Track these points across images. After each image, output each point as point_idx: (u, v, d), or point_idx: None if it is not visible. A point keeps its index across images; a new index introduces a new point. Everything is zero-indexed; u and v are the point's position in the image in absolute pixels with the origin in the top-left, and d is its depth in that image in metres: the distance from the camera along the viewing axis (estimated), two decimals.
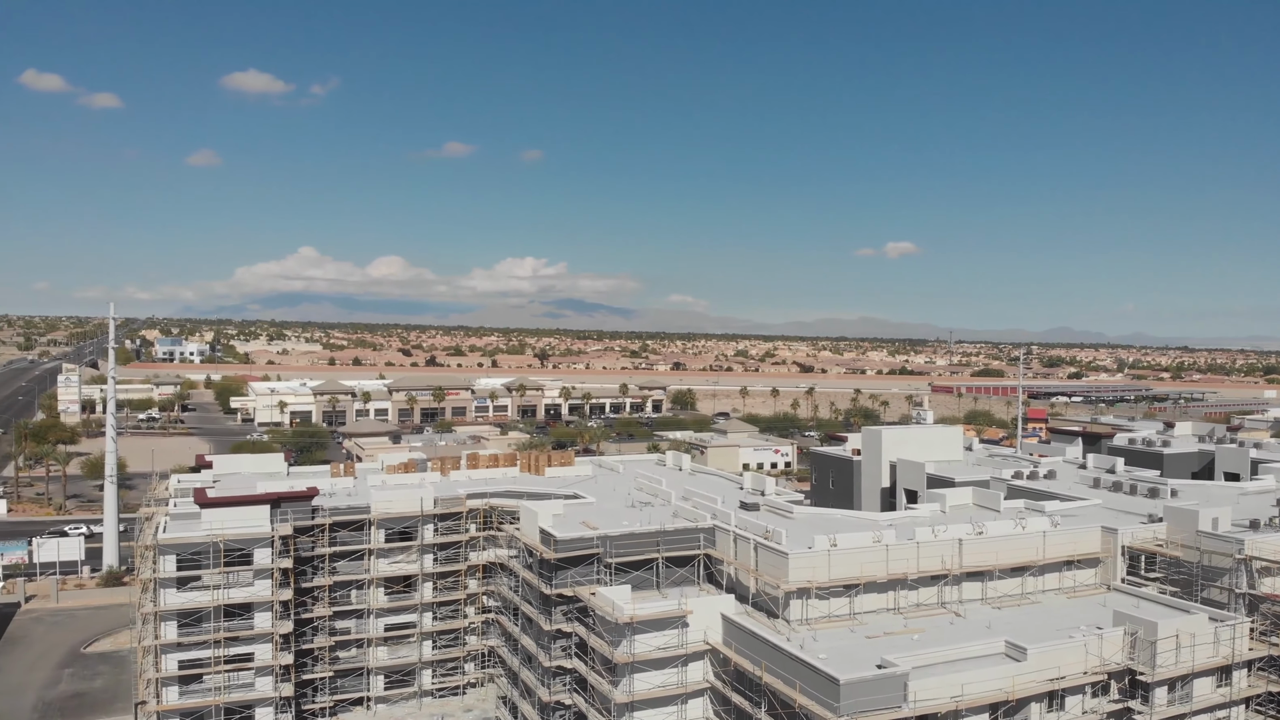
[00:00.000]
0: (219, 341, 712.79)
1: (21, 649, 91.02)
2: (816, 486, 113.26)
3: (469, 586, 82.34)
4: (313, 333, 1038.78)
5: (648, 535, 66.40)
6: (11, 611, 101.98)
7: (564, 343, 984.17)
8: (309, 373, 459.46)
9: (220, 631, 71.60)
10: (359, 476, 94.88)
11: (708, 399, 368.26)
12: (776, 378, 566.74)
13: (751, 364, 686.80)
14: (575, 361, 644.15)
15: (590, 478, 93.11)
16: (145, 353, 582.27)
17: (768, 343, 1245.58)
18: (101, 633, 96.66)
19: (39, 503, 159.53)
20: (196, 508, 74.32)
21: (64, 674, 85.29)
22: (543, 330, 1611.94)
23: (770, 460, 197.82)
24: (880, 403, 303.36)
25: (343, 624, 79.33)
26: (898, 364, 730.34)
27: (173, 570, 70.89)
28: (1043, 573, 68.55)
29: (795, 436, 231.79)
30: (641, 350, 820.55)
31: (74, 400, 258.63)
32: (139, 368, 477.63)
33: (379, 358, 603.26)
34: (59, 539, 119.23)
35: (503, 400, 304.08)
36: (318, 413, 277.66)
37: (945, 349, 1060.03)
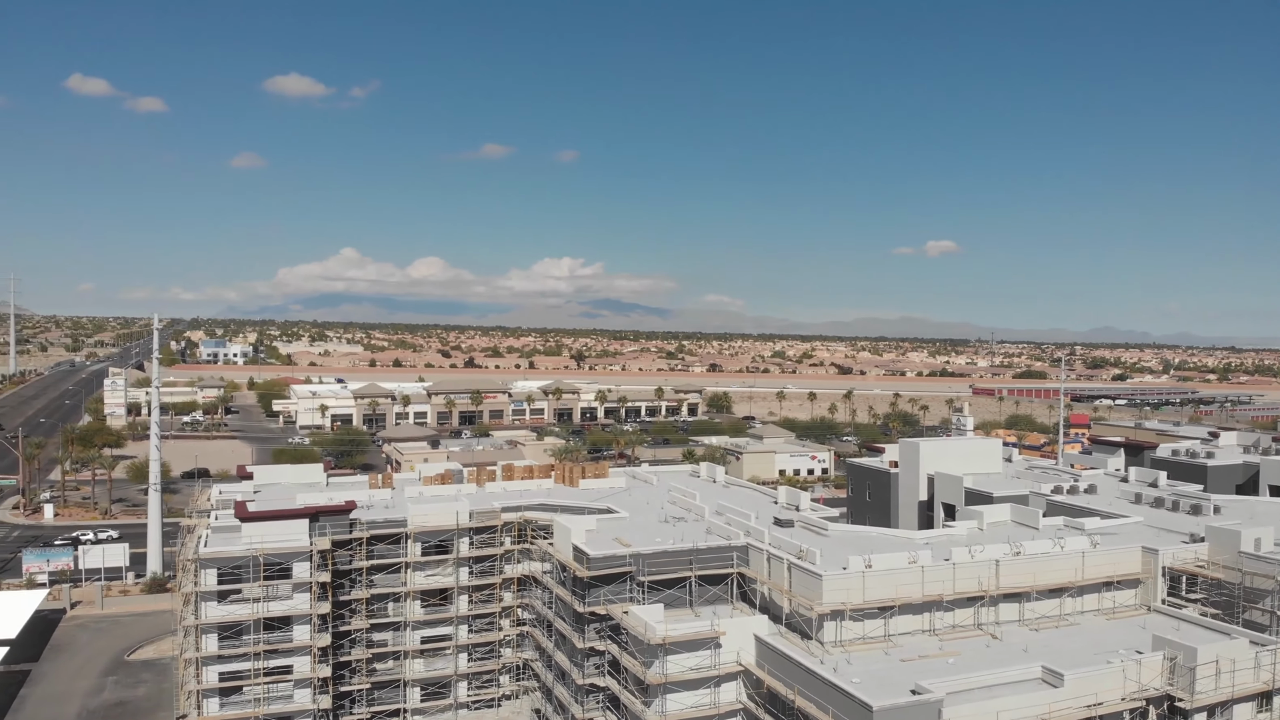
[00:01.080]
0: (262, 343, 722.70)
1: (66, 656, 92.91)
2: (853, 498, 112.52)
3: (504, 599, 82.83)
4: (354, 334, 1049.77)
5: (680, 554, 66.41)
6: (57, 618, 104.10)
7: (600, 343, 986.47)
8: (350, 374, 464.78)
9: (260, 644, 72.72)
10: (396, 487, 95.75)
11: (744, 401, 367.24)
12: (814, 379, 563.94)
13: (789, 365, 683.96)
14: (611, 363, 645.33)
15: (624, 490, 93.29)
16: (190, 354, 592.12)
17: (805, 343, 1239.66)
18: (145, 640, 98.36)
19: (85, 507, 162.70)
20: (237, 521, 75.53)
21: (108, 682, 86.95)
22: (579, 330, 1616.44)
23: (807, 466, 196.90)
24: (919, 407, 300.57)
25: (379, 636, 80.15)
26: (938, 365, 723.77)
27: (213, 584, 72.11)
28: (1081, 594, 67.64)
29: (832, 442, 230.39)
30: (678, 351, 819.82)
31: (120, 404, 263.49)
32: (184, 369, 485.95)
33: (418, 359, 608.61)
34: (104, 545, 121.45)
35: (539, 403, 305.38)
36: (358, 416, 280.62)
37: (986, 350, 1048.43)
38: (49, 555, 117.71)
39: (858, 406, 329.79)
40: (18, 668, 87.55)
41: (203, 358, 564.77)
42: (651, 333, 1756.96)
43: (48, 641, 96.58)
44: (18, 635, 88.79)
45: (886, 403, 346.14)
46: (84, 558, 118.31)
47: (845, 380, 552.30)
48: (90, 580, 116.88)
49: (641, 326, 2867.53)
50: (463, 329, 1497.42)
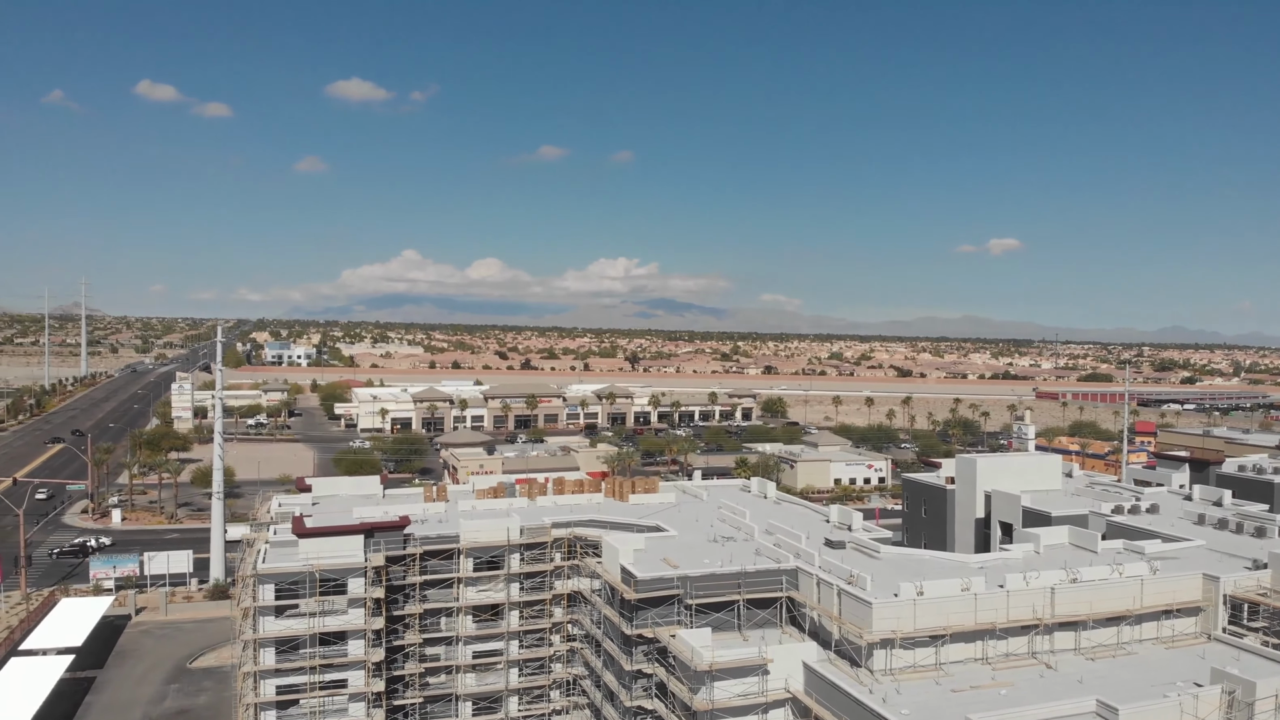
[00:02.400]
0: (325, 344, 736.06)
1: (131, 663, 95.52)
2: (909, 514, 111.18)
3: (554, 615, 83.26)
4: (415, 334, 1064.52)
5: (729, 577, 66.15)
6: (123, 624, 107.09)
7: (655, 344, 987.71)
8: (410, 376, 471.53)
9: (316, 658, 74.06)
10: (450, 500, 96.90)
11: (799, 405, 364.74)
12: (872, 382, 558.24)
13: (846, 367, 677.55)
14: (665, 365, 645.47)
15: (673, 505, 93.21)
16: (255, 356, 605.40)
17: (864, 344, 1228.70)
18: (207, 647, 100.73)
19: (151, 511, 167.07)
20: (294, 536, 76.96)
21: (170, 689, 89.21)
22: (634, 331, 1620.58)
23: (863, 476, 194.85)
24: (980, 413, 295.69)
25: (432, 650, 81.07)
26: (1000, 367, 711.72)
27: (271, 599, 73.54)
28: (1139, 622, 66.02)
29: (890, 450, 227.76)
30: (733, 353, 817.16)
31: (186, 407, 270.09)
32: (249, 371, 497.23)
33: (476, 360, 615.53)
34: (168, 552, 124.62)
35: (593, 407, 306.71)
36: (417, 419, 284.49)
37: (1050, 351, 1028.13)
38: (115, 561, 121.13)
39: (916, 412, 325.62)
40: (83, 674, 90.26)
41: (268, 359, 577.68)
42: (706, 333, 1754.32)
43: (113, 648, 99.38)
44: (83, 643, 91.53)
45: (946, 408, 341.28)
46: (149, 564, 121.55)
47: (904, 383, 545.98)
48: (155, 586, 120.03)
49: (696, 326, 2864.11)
50: (519, 329, 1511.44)
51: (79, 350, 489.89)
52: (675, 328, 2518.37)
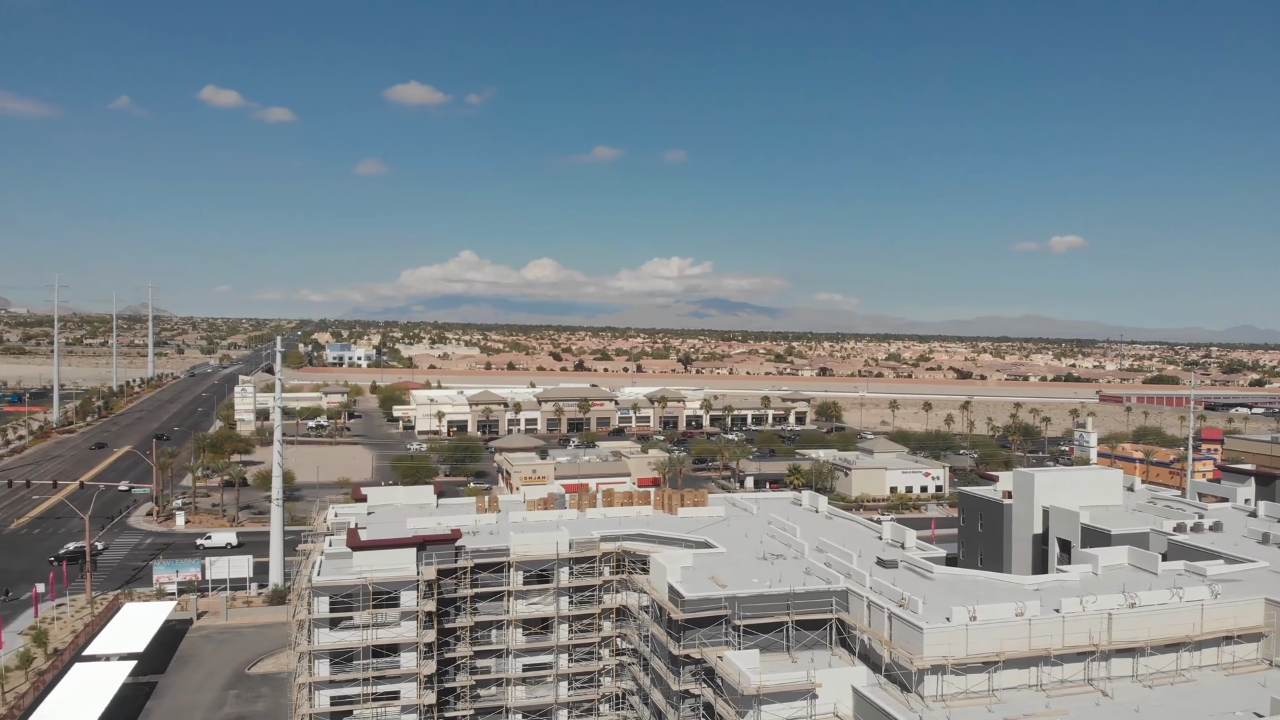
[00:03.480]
0: (385, 345, 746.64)
1: (191, 668, 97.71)
2: (965, 528, 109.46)
3: (603, 629, 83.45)
4: (471, 335, 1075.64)
5: (778, 598, 65.66)
6: (184, 628, 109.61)
7: (708, 345, 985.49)
8: (467, 377, 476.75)
9: (369, 670, 75.17)
10: (502, 510, 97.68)
11: (854, 409, 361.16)
12: (930, 384, 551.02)
13: (904, 369, 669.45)
14: (718, 366, 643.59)
15: (722, 519, 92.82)
16: (317, 357, 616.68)
17: (923, 344, 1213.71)
18: (265, 652, 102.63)
19: (214, 514, 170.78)
20: (349, 549, 78.17)
21: (229, 695, 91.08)
22: (687, 331, 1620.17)
23: (920, 484, 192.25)
24: (1041, 418, 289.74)
25: (483, 663, 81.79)
26: (1063, 369, 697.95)
27: (326, 611, 74.78)
28: (1200, 648, 64.19)
29: (948, 456, 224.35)
30: (787, 354, 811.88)
31: (249, 410, 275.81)
32: (310, 372, 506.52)
33: (531, 362, 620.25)
34: (230, 556, 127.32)
35: (645, 411, 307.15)
36: (472, 422, 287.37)
37: (1115, 351, 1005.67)
38: (178, 566, 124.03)
39: (976, 417, 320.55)
40: (145, 679, 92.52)
41: (329, 360, 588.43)
42: (760, 333, 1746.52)
43: (174, 652, 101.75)
44: (146, 648, 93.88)
45: (1006, 412, 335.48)
46: (210, 568, 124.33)
47: (964, 386, 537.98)
48: (216, 590, 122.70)
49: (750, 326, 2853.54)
50: (573, 330, 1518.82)
51: (146, 351, 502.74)
52: (729, 327, 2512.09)
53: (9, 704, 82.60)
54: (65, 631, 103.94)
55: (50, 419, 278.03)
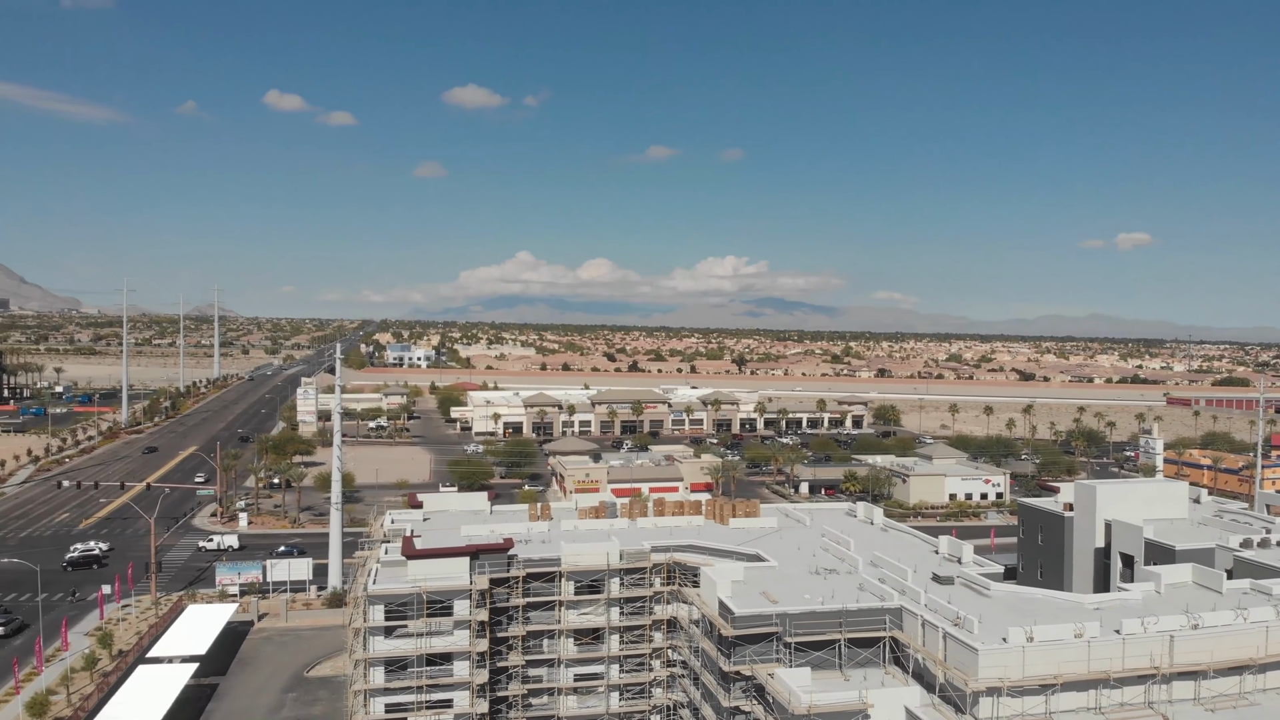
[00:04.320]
0: (444, 345, 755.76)
1: (251, 670, 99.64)
2: (1025, 540, 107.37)
3: (654, 640, 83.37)
4: (527, 335, 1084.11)
5: (830, 615, 64.97)
6: (246, 630, 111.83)
7: (763, 345, 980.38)
8: (522, 378, 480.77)
9: (423, 678, 76.01)
10: (554, 518, 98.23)
11: (913, 412, 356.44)
12: (992, 386, 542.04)
13: (964, 370, 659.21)
14: (773, 367, 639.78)
15: (774, 531, 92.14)
16: (378, 358, 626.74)
17: (984, 344, 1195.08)
18: (323, 655, 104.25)
19: (276, 515, 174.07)
20: (404, 557, 79.13)
21: (287, 699, 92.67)
22: (742, 331, 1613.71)
23: (979, 491, 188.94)
24: (1105, 422, 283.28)
25: (534, 672, 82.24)
26: (1129, 370, 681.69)
27: (381, 619, 75.81)
28: (1264, 670, 62.20)
29: (1009, 463, 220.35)
30: (844, 354, 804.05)
31: (311, 411, 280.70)
32: (371, 373, 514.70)
33: (585, 363, 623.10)
34: (290, 560, 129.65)
35: (698, 414, 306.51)
36: (528, 424, 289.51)
37: (1183, 352, 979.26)
38: (240, 568, 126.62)
39: (1038, 421, 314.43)
40: (207, 681, 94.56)
41: (389, 361, 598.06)
42: (817, 332, 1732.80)
43: (235, 654, 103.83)
44: (208, 650, 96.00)
45: (1070, 416, 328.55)
46: (271, 570, 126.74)
47: (1026, 388, 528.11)
48: (276, 592, 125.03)
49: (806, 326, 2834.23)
50: (627, 329, 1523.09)
51: (212, 352, 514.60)
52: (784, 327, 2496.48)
53: (74, 705, 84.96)
54: (130, 633, 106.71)
55: (119, 420, 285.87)
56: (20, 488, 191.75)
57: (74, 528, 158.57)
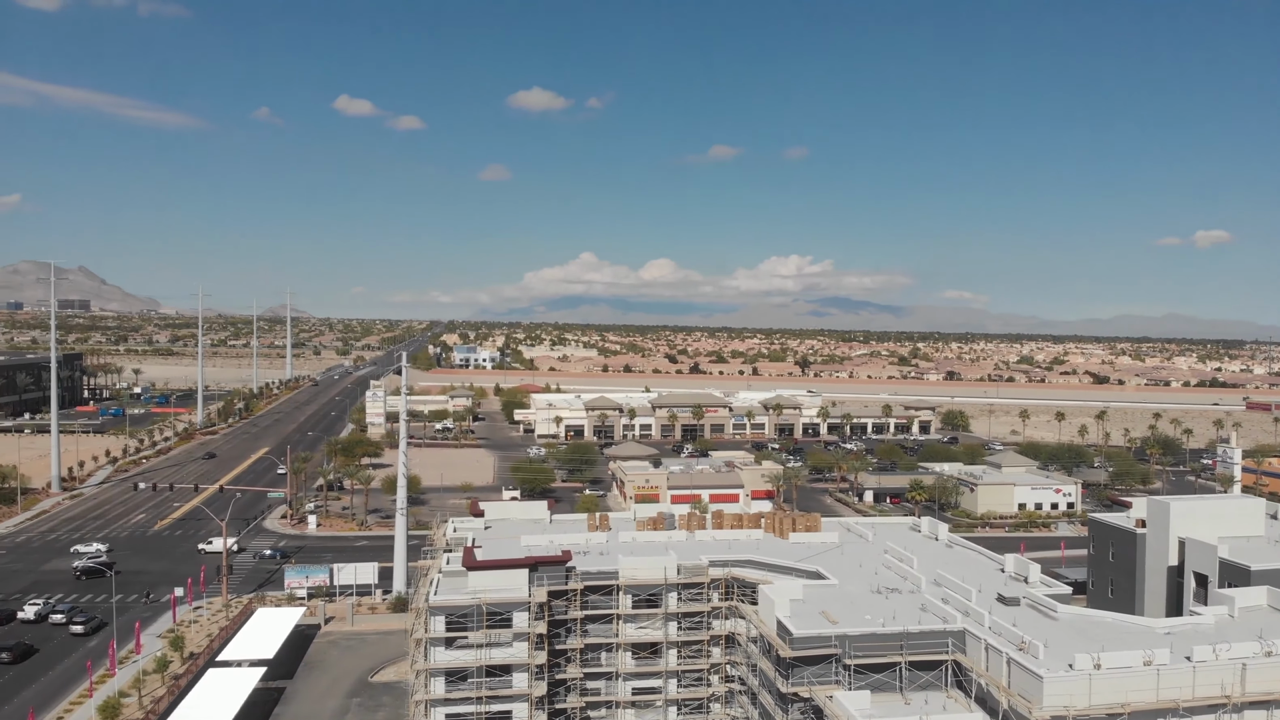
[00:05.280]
0: (508, 347, 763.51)
1: (317, 675, 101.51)
2: (1095, 556, 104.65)
3: (712, 655, 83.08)
4: (590, 335, 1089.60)
5: (891, 637, 64.06)
6: (313, 633, 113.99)
7: (827, 346, 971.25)
8: (584, 379, 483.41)
9: (483, 688, 76.78)
10: (613, 528, 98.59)
11: (983, 417, 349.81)
12: (1064, 389, 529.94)
13: (1036, 373, 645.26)
14: (838, 369, 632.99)
15: (836, 546, 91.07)
16: (444, 359, 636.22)
17: (1057, 345, 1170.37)
18: (387, 660, 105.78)
19: (344, 517, 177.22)
20: (464, 568, 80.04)
21: (351, 704, 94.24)
22: (806, 331, 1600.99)
23: (1050, 501, 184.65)
24: (1182, 429, 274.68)
25: (593, 684, 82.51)
26: (1207, 373, 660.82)
27: (442, 630, 76.78)
28: None
29: (1081, 471, 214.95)
30: (911, 356, 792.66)
31: (379, 413, 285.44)
32: (439, 374, 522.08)
33: (647, 364, 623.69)
34: (355, 563, 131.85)
35: (760, 418, 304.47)
36: (589, 427, 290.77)
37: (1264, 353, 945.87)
38: (308, 571, 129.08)
39: (1112, 426, 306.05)
40: (275, 684, 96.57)
41: (456, 362, 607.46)
42: (884, 333, 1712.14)
43: (302, 658, 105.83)
44: (275, 653, 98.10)
45: (1145, 422, 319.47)
46: (338, 574, 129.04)
47: (1100, 391, 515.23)
48: (343, 595, 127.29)
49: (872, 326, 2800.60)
50: (689, 330, 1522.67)
51: (285, 353, 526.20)
52: (850, 327, 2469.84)
53: (145, 708, 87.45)
54: (201, 635, 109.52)
55: (194, 421, 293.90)
56: (98, 488, 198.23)
57: (149, 529, 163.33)
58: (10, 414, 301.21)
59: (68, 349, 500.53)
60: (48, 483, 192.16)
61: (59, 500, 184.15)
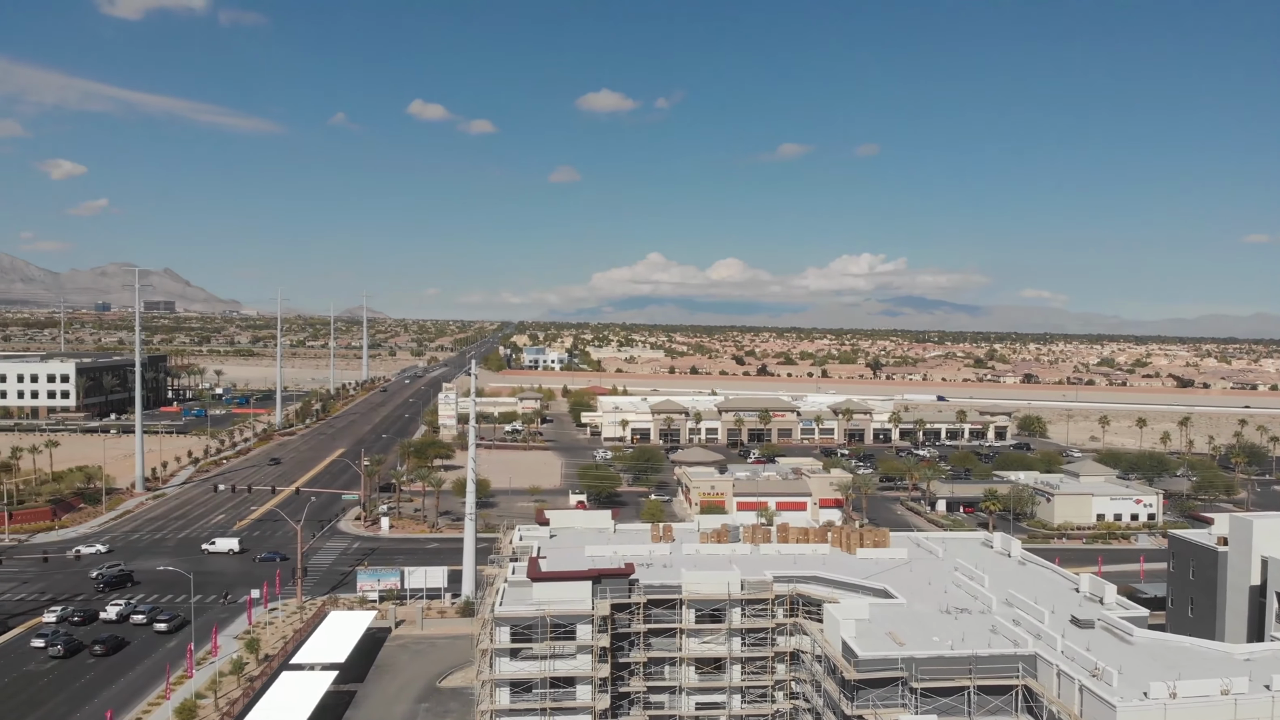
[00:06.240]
0: (576, 348, 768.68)
1: (387, 679, 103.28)
2: (1175, 575, 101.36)
3: (777, 671, 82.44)
4: (657, 336, 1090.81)
5: (959, 660, 62.87)
6: (383, 637, 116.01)
7: (900, 347, 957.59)
8: (651, 381, 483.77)
9: (547, 700, 77.35)
10: (676, 540, 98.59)
11: (1061, 422, 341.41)
12: (1146, 393, 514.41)
13: (1117, 375, 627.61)
14: (911, 371, 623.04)
15: (904, 563, 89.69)
16: (514, 360, 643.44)
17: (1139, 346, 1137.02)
18: (455, 665, 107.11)
19: (416, 519, 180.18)
20: (528, 579, 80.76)
21: (420, 709, 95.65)
22: (877, 332, 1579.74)
23: (1129, 512, 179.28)
24: (1269, 437, 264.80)
25: (656, 698, 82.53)
26: None
27: (506, 641, 77.55)
28: None
29: (1163, 480, 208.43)
30: (987, 357, 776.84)
31: (451, 415, 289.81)
32: (509, 375, 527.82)
33: (714, 366, 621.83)
34: (425, 567, 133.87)
35: (829, 423, 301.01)
36: (655, 431, 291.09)
37: None
38: (379, 575, 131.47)
39: (1196, 433, 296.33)
40: (346, 688, 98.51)
41: (525, 363, 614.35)
42: (959, 333, 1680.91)
43: (373, 661, 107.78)
44: (347, 657, 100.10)
45: (1231, 429, 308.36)
46: (409, 577, 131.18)
47: (1184, 396, 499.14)
48: (413, 599, 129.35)
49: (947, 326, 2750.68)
50: (757, 330, 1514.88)
51: (362, 353, 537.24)
52: (924, 327, 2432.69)
53: (221, 710, 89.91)
54: (276, 637, 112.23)
55: (273, 422, 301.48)
56: (180, 489, 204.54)
57: (228, 529, 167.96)
58: (97, 415, 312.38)
59: (153, 350, 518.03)
60: (132, 483, 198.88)
61: (142, 500, 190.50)
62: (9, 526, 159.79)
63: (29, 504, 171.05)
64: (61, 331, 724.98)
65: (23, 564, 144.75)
